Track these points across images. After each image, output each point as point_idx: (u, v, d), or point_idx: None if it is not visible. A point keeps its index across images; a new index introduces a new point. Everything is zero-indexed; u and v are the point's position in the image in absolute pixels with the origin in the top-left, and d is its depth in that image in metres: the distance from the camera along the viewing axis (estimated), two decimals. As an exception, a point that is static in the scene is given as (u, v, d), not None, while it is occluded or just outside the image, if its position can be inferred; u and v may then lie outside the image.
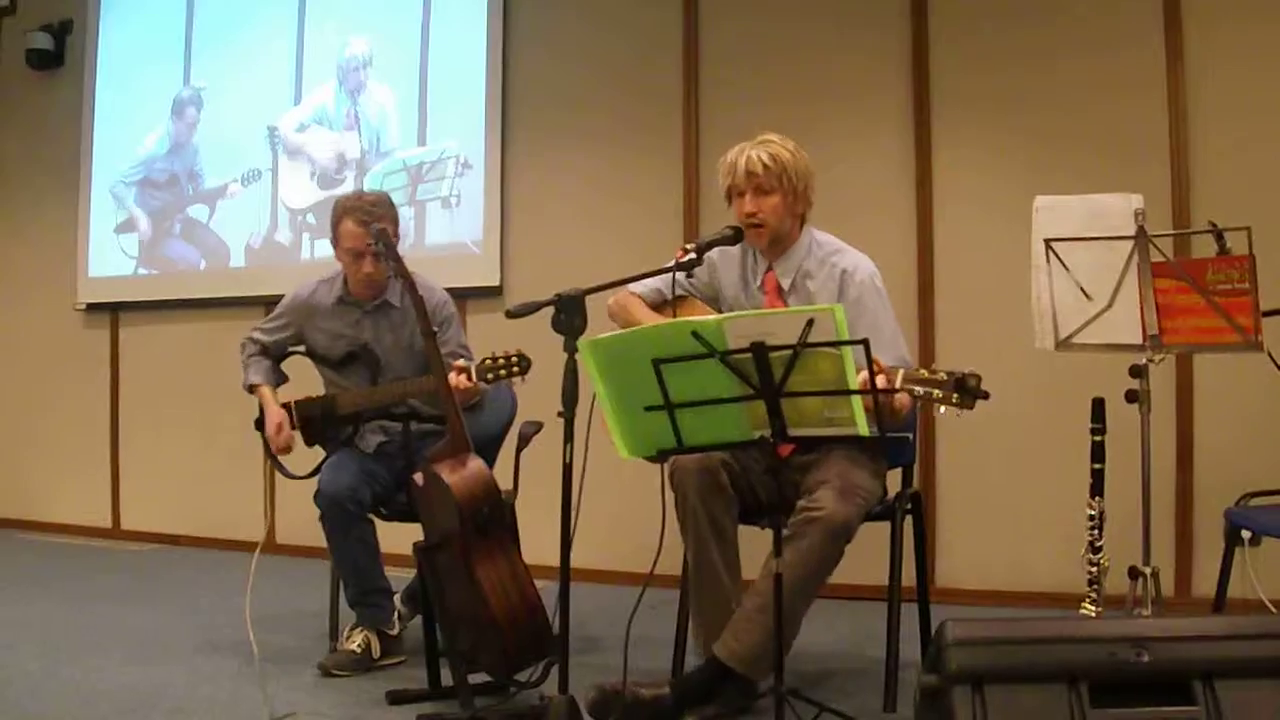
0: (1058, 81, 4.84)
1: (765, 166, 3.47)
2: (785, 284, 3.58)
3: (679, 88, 5.54)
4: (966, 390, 2.88)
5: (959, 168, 5.03)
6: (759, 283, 3.63)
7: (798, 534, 3.16)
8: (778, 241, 3.57)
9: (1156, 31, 4.67)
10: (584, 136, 5.78)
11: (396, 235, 3.99)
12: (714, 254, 3.56)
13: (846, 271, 3.52)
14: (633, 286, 3.69)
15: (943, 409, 2.93)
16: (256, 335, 4.32)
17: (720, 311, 3.65)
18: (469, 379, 3.72)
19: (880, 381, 2.80)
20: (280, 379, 4.30)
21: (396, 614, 4.11)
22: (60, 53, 7.13)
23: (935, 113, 5.06)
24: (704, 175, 5.40)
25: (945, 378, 2.91)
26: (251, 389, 4.25)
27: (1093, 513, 3.59)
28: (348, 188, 6.10)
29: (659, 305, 3.73)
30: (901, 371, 3.00)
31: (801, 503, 3.24)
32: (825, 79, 5.24)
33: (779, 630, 2.90)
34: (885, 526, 3.56)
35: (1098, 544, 3.58)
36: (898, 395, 3.00)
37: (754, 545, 3.41)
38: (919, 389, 2.95)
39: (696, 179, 5.44)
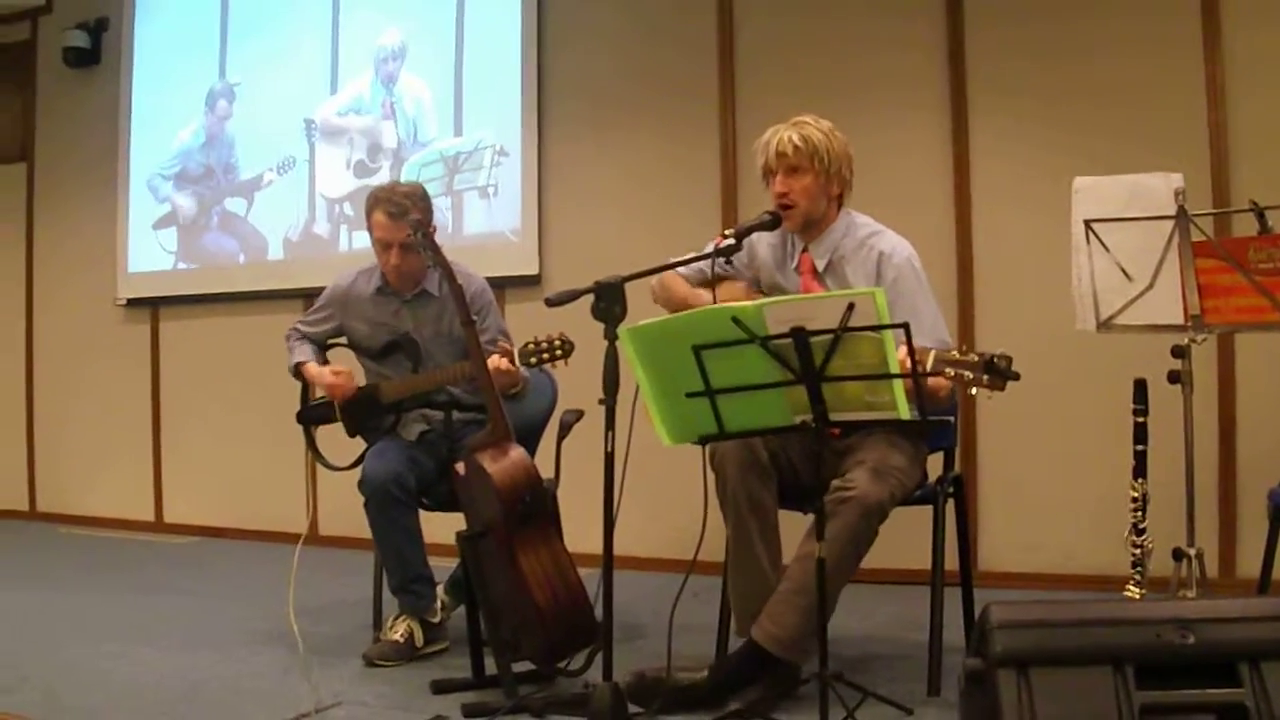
0: (1095, 64, 4.80)
1: (796, 147, 3.44)
2: (820, 265, 3.54)
3: (715, 76, 5.52)
4: (996, 371, 2.88)
5: (996, 156, 4.99)
6: (795, 264, 3.60)
7: (832, 513, 3.09)
8: (811, 223, 3.53)
9: (1194, 13, 4.63)
10: (620, 125, 5.77)
11: (432, 225, 3.93)
12: (752, 236, 3.54)
13: (884, 254, 3.47)
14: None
15: (975, 390, 2.93)
16: (300, 327, 4.36)
17: (762, 289, 3.64)
18: (511, 363, 3.72)
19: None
20: (324, 361, 4.32)
21: (440, 603, 4.14)
22: (96, 50, 7.17)
23: (972, 102, 5.02)
24: (741, 163, 5.38)
25: (975, 359, 2.92)
26: (298, 368, 4.27)
27: (1135, 494, 3.58)
28: (384, 178, 6.13)
29: (702, 284, 3.71)
30: (932, 353, 2.99)
31: (836, 482, 3.21)
32: (862, 70, 5.21)
33: (822, 615, 2.91)
34: (927, 510, 3.55)
35: (1141, 526, 3.58)
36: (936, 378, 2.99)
37: (794, 530, 3.40)
38: (949, 370, 2.95)
39: (734, 167, 5.43)
